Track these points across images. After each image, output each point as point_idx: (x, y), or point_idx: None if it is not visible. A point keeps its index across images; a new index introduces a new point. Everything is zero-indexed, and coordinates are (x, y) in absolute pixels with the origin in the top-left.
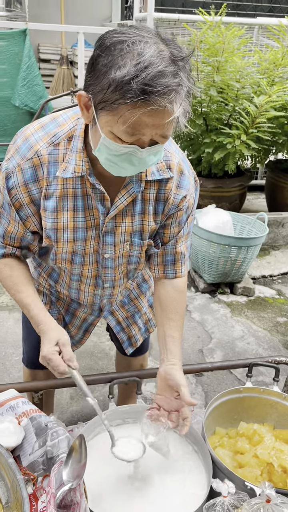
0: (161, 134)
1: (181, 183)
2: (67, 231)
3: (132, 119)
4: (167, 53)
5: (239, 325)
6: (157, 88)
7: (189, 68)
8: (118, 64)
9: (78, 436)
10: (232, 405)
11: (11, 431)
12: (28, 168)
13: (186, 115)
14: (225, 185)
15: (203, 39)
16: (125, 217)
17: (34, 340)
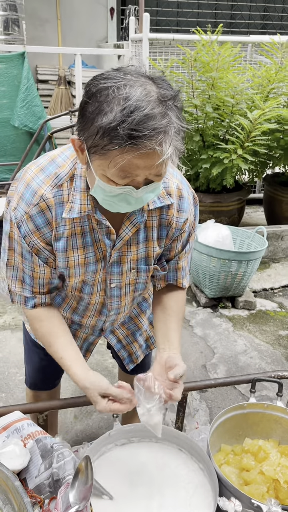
0: (155, 174)
1: (181, 206)
2: (78, 267)
3: (122, 163)
4: (154, 94)
5: (241, 339)
6: (144, 132)
7: (179, 106)
8: (104, 110)
9: (84, 458)
10: (237, 421)
11: (17, 454)
12: (36, 214)
13: (178, 152)
14: (223, 200)
15: (197, 57)
16: (130, 247)
17: (36, 363)
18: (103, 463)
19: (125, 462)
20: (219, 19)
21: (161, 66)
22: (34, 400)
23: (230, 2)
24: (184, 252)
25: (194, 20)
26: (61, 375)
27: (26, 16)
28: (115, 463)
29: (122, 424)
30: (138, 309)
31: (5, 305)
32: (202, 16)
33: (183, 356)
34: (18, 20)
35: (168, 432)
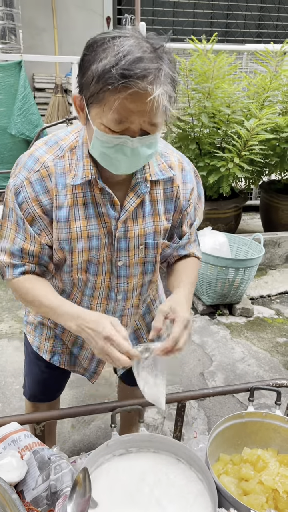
0: (148, 122)
1: (185, 178)
2: (81, 240)
3: (116, 104)
4: (146, 44)
5: (239, 346)
6: (135, 71)
7: (171, 59)
8: (100, 57)
9: (82, 470)
10: (235, 430)
11: (14, 466)
12: (36, 180)
13: (172, 102)
14: (220, 207)
15: (193, 67)
16: (136, 220)
17: (36, 374)
18: (101, 474)
19: (124, 473)
20: (215, 27)
21: None
22: (33, 411)
23: (225, 11)
24: (194, 226)
25: (190, 29)
26: (63, 387)
27: (23, 25)
28: (114, 473)
29: (120, 434)
30: (142, 321)
31: (2, 313)
32: (198, 25)
33: (181, 363)
34: (15, 29)
35: (166, 442)
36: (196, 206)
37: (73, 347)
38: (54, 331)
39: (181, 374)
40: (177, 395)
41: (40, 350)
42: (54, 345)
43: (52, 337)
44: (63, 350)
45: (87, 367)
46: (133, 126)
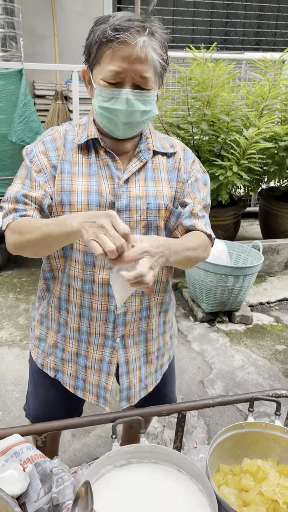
0: (140, 75)
1: (186, 155)
2: (81, 194)
3: (110, 54)
4: (138, 17)
5: (238, 354)
6: (123, 25)
7: (160, 28)
8: (99, 28)
9: (84, 483)
10: (235, 440)
11: (16, 479)
12: (49, 140)
13: (160, 58)
14: (219, 214)
15: (192, 75)
16: (138, 182)
17: (41, 396)
18: (102, 485)
19: (124, 484)
20: (214, 35)
21: None
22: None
23: (224, 19)
24: (199, 199)
25: (189, 37)
26: (73, 411)
27: (24, 33)
28: (115, 485)
29: (121, 445)
30: (156, 330)
31: (2, 320)
32: (197, 33)
33: (180, 371)
34: (15, 37)
35: (167, 453)
36: (201, 187)
37: (78, 358)
38: (56, 346)
39: (181, 382)
40: (178, 405)
41: (45, 367)
42: (56, 363)
43: (52, 354)
44: (64, 369)
45: (97, 382)
46: (126, 79)
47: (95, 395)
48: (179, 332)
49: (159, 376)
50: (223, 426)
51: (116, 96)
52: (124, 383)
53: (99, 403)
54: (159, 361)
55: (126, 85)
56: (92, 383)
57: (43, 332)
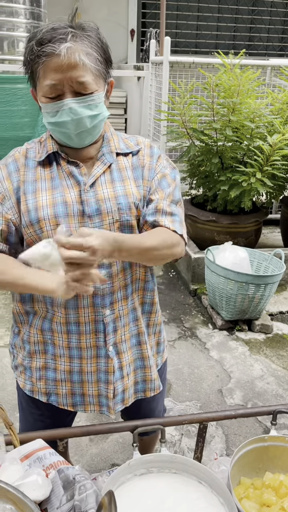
0: (76, 81)
1: (152, 152)
2: (46, 208)
3: (41, 70)
4: (63, 25)
5: (258, 364)
6: (47, 37)
7: (89, 28)
8: (28, 45)
9: (107, 493)
10: (257, 454)
11: (39, 485)
12: (10, 162)
13: (95, 57)
14: (240, 221)
15: (219, 82)
16: (104, 184)
17: (31, 422)
18: (122, 493)
19: (144, 493)
20: (238, 41)
21: (182, 88)
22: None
23: (248, 25)
24: (165, 194)
25: (213, 42)
26: (70, 423)
27: None
28: (134, 494)
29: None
30: (146, 334)
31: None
32: (221, 38)
33: (199, 378)
34: None
35: (188, 463)
36: (169, 182)
37: (72, 375)
38: (45, 369)
39: (199, 389)
40: (199, 415)
41: (35, 393)
42: (47, 386)
43: (43, 378)
44: (58, 390)
45: (96, 394)
46: (65, 89)
47: (96, 405)
48: (198, 339)
49: (159, 384)
50: (242, 437)
51: (59, 109)
52: (118, 387)
53: (102, 412)
54: (156, 371)
55: (66, 95)
56: (91, 395)
57: (26, 358)
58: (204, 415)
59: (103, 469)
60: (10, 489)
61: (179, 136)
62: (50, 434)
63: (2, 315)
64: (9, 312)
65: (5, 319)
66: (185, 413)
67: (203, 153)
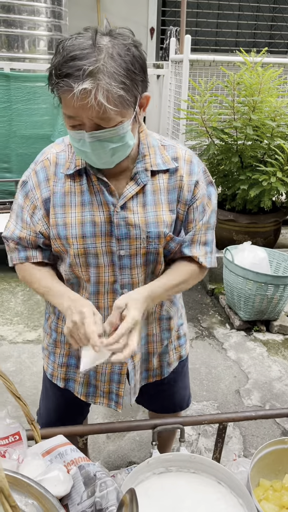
0: (97, 117)
1: (191, 170)
2: (75, 226)
3: (63, 102)
4: (88, 42)
5: (276, 365)
6: (67, 70)
7: (117, 52)
8: (52, 60)
9: (129, 491)
10: (277, 456)
11: (61, 480)
12: (40, 169)
13: (110, 94)
14: (260, 221)
15: (240, 80)
16: (136, 208)
17: (51, 404)
18: (140, 492)
19: (163, 492)
20: (258, 39)
21: (202, 87)
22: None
23: (269, 22)
24: (202, 223)
25: (233, 40)
26: (83, 417)
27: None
28: (153, 492)
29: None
30: (159, 336)
31: (40, 318)
32: (241, 36)
33: (216, 378)
34: None
35: (207, 463)
36: (206, 205)
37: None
38: (68, 356)
39: (217, 390)
40: (219, 416)
41: (54, 378)
42: (67, 372)
43: (64, 365)
44: (77, 378)
45: (108, 391)
46: (85, 121)
47: (106, 398)
48: (215, 339)
49: (165, 372)
50: (260, 438)
51: (80, 138)
52: (132, 384)
53: (109, 406)
54: (164, 360)
55: (85, 127)
56: (103, 390)
57: (51, 344)
58: (224, 416)
59: (120, 466)
60: (33, 484)
61: (198, 135)
62: (71, 430)
63: (21, 311)
64: (27, 309)
65: (24, 316)
66: (202, 413)
67: (222, 151)
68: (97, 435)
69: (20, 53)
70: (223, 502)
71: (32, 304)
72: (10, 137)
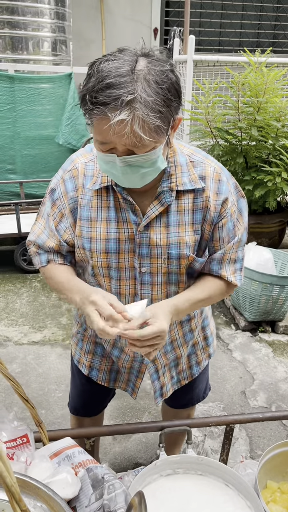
0: (130, 144)
1: (219, 189)
2: (99, 241)
3: (95, 127)
4: (127, 67)
5: (281, 366)
6: (101, 99)
7: (159, 80)
8: (85, 82)
9: (137, 493)
10: (284, 458)
11: (69, 483)
12: (68, 178)
13: (146, 124)
14: (264, 221)
15: (245, 81)
16: (158, 229)
17: (78, 388)
18: (148, 494)
19: (170, 495)
20: (262, 38)
21: (206, 87)
22: (77, 426)
23: (273, 22)
24: (232, 243)
25: (237, 40)
26: (105, 403)
27: (72, 37)
28: (160, 494)
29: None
30: (182, 339)
31: (45, 320)
32: (245, 36)
33: (222, 379)
34: (65, 41)
35: (214, 465)
36: (236, 222)
37: (113, 350)
38: (94, 344)
39: (222, 391)
40: (226, 418)
41: (80, 364)
42: (92, 360)
43: (91, 352)
44: (101, 366)
45: (127, 378)
46: (117, 146)
47: (124, 384)
48: (220, 339)
49: (196, 371)
50: (266, 439)
51: (110, 161)
52: (156, 385)
53: (126, 391)
54: (193, 360)
55: (117, 151)
56: (123, 376)
57: (80, 332)
58: (231, 418)
59: (127, 468)
60: (41, 487)
61: (203, 136)
62: (78, 433)
63: (26, 312)
64: (32, 310)
65: (29, 317)
66: (209, 414)
67: (227, 152)
68: (103, 437)
69: (24, 55)
70: (231, 505)
71: (37, 305)
72: (14, 138)
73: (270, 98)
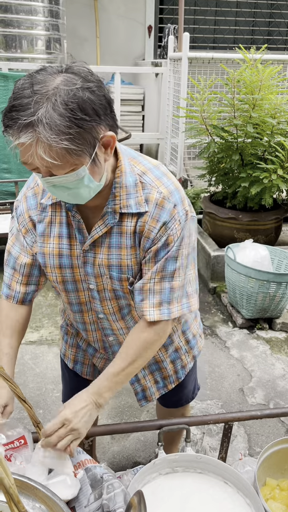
0: (43, 165)
1: (160, 215)
2: (52, 257)
3: None
4: (29, 89)
5: (279, 362)
6: (7, 122)
7: (60, 100)
8: None
9: (137, 493)
10: (283, 455)
11: (68, 484)
12: (31, 196)
13: (50, 148)
14: (261, 219)
15: (240, 78)
16: (102, 249)
17: (66, 381)
18: (147, 492)
19: (169, 493)
20: (256, 35)
21: (201, 85)
22: None
23: (267, 19)
24: (155, 271)
25: (231, 37)
26: None
27: (67, 35)
28: (159, 493)
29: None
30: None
31: (42, 319)
32: (239, 33)
33: (220, 377)
34: (59, 39)
35: (213, 463)
36: (174, 251)
37: (88, 348)
38: (77, 338)
39: (220, 388)
40: (225, 415)
41: (66, 358)
42: (76, 354)
43: (74, 346)
44: (85, 360)
45: (102, 367)
46: (39, 166)
47: None
48: (218, 337)
49: (181, 374)
50: (264, 437)
51: (41, 180)
52: (137, 387)
53: None
54: (178, 365)
55: (41, 171)
56: None
57: (64, 326)
58: (229, 415)
59: (125, 467)
60: (40, 488)
61: (198, 133)
62: None
63: None
64: None
65: None
66: (207, 412)
67: (223, 149)
68: (101, 436)
69: (18, 53)
70: (230, 502)
71: (34, 305)
72: None
73: (265, 95)
